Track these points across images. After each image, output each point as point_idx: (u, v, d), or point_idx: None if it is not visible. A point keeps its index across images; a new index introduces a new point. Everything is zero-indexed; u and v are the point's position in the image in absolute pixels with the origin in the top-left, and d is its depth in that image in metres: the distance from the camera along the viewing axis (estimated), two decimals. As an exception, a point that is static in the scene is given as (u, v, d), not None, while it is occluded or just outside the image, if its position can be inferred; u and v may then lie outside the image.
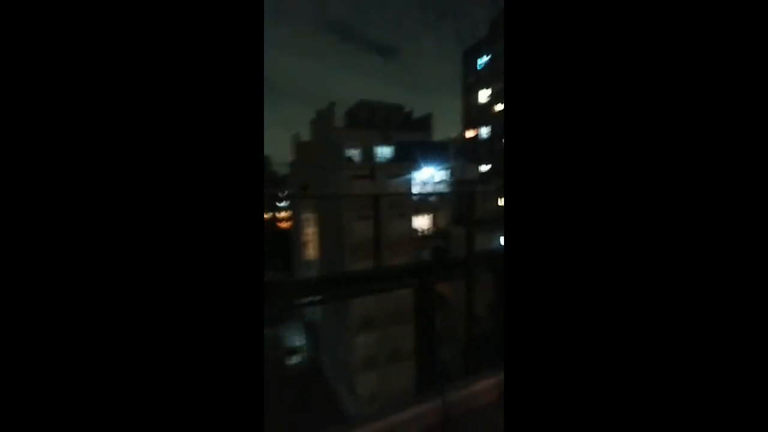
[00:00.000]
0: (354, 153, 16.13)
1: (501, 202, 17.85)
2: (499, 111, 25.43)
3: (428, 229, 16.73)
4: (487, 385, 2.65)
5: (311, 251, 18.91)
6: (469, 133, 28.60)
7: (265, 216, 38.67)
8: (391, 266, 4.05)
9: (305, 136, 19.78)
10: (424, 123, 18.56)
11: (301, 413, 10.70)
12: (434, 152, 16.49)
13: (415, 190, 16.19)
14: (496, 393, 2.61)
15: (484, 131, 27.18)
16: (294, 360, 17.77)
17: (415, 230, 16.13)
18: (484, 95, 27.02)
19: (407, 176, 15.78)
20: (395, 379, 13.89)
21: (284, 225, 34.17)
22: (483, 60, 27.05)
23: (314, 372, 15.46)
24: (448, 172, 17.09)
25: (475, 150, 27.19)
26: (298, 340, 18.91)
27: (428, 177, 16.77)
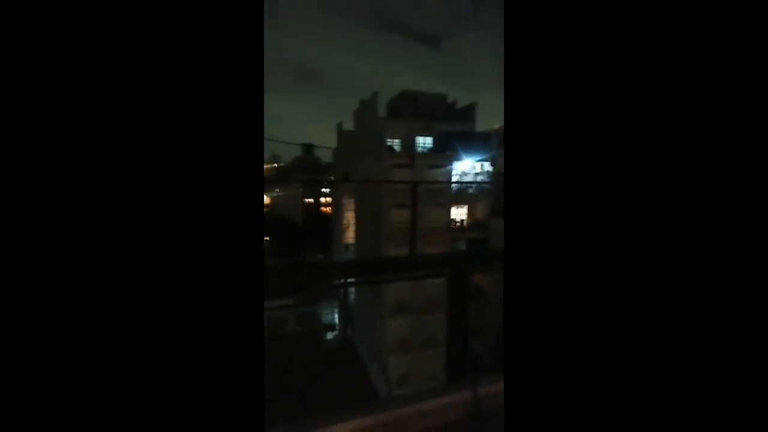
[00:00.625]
0: (395, 142, 16.30)
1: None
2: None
3: (466, 219, 16.62)
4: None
5: (350, 235, 19.63)
6: (516, 123, 27.24)
7: (310, 200, 40.41)
8: (427, 254, 4.26)
9: (349, 125, 20.25)
10: (468, 113, 18.15)
11: (336, 385, 11.51)
12: (476, 143, 16.17)
13: (454, 180, 16.05)
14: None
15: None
16: (330, 336, 18.98)
17: (453, 220, 16.09)
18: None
19: (447, 167, 15.69)
20: (426, 364, 14.25)
21: (327, 210, 35.42)
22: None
23: (348, 349, 16.32)
24: (490, 163, 16.71)
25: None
26: (334, 318, 20.10)
27: (469, 168, 16.53)
